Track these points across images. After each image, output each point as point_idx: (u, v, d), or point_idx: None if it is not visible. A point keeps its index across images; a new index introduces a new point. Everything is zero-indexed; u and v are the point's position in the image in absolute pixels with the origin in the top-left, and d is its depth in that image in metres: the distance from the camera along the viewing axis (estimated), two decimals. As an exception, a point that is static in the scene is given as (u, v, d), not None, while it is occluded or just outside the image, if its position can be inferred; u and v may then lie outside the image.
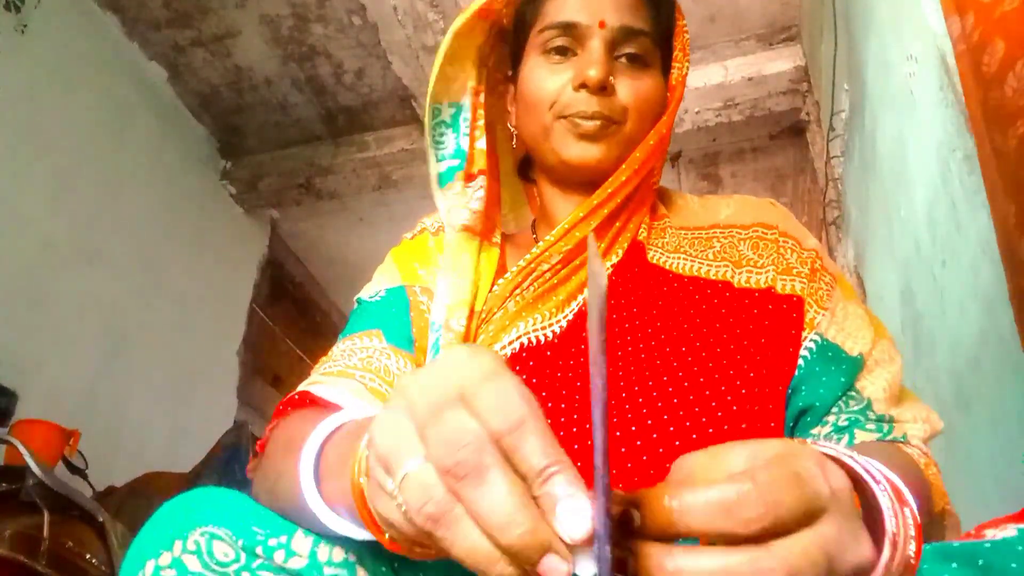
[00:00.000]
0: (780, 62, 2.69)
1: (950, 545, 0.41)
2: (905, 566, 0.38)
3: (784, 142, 3.02)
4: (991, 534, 0.41)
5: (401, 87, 2.82)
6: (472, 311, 0.72)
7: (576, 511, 0.32)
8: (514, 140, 0.82)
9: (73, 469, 1.80)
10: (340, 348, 0.71)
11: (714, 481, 0.33)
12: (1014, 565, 0.38)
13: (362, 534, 0.42)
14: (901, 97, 1.57)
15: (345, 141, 3.08)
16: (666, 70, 0.79)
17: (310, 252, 3.64)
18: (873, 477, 0.40)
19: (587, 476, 0.52)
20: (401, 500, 0.33)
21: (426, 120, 0.81)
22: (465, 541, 0.32)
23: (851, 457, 0.41)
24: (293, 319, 3.69)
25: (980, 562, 0.39)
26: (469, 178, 0.78)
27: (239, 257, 3.22)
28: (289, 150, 3.13)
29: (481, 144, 0.80)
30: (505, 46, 0.83)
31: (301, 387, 0.66)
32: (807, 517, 0.32)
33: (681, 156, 3.10)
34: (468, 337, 0.71)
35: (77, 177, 2.36)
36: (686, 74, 0.79)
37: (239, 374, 3.11)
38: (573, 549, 0.32)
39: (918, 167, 1.51)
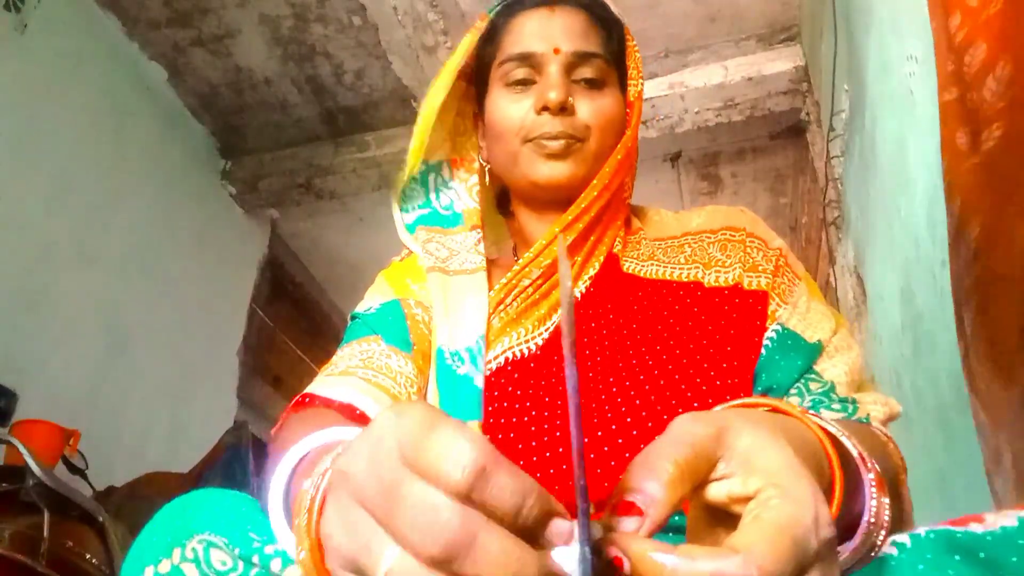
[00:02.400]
0: (780, 62, 2.69)
1: (953, 535, 0.41)
2: (871, 550, 0.40)
3: (784, 142, 3.02)
4: (991, 520, 0.41)
5: (401, 87, 2.82)
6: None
7: (561, 529, 0.31)
8: (487, 176, 0.86)
9: (73, 469, 1.80)
10: (340, 355, 0.74)
11: (709, 551, 0.32)
12: (1015, 559, 0.39)
13: None
14: (901, 97, 1.57)
15: (345, 141, 3.08)
16: (624, 88, 0.83)
17: (310, 252, 3.64)
18: (864, 464, 0.42)
19: (560, 495, 0.52)
20: None
21: (399, 182, 0.87)
22: None
23: (851, 443, 0.43)
24: (293, 319, 3.68)
25: (982, 555, 0.39)
26: (472, 228, 0.84)
27: (239, 257, 3.22)
28: (289, 150, 3.13)
29: (474, 204, 0.86)
30: (472, 87, 0.88)
31: (305, 391, 0.67)
32: None
33: (681, 156, 3.10)
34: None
35: (77, 177, 2.36)
36: (641, 91, 0.83)
37: (239, 374, 3.11)
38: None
39: (918, 167, 1.51)
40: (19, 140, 2.15)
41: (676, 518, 0.57)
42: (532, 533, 0.31)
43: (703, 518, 0.38)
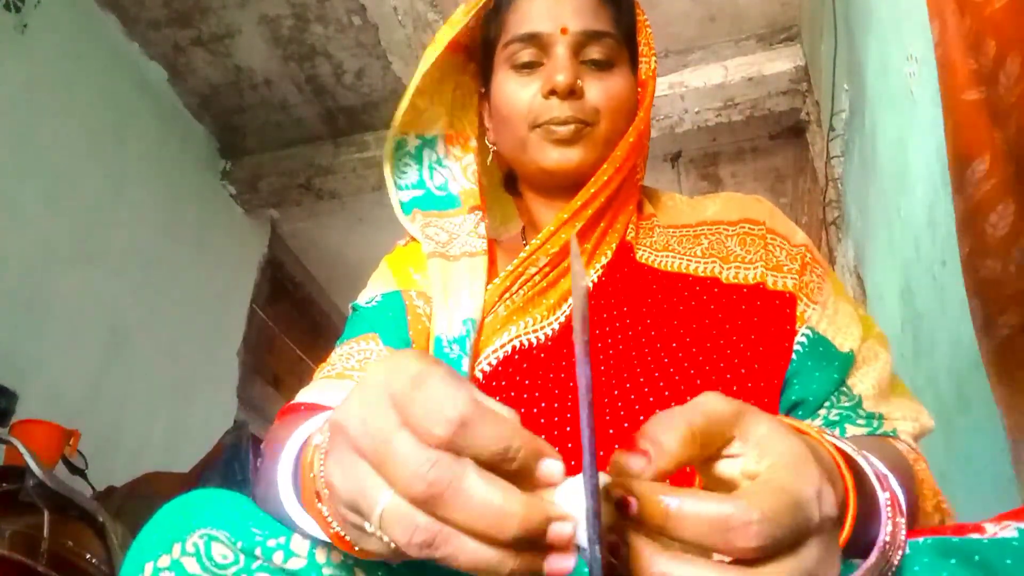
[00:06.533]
0: (780, 62, 2.69)
1: (949, 540, 0.42)
2: (887, 569, 0.40)
3: (784, 142, 3.02)
4: (991, 530, 0.42)
5: (401, 87, 2.82)
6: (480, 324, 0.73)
7: (551, 468, 0.33)
8: (490, 156, 0.84)
9: (73, 469, 1.80)
10: (337, 353, 0.72)
11: (714, 495, 0.33)
12: (1009, 561, 0.39)
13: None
14: (901, 97, 1.57)
15: (345, 141, 3.08)
16: (635, 67, 0.80)
17: (310, 252, 3.64)
18: (881, 484, 0.41)
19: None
20: (387, 538, 0.33)
21: (387, 149, 0.84)
22: (467, 553, 0.31)
23: (864, 458, 0.42)
24: (293, 319, 3.68)
25: (976, 558, 0.40)
26: (470, 210, 0.82)
27: (239, 257, 3.22)
28: (289, 150, 3.13)
29: (471, 185, 0.84)
30: (475, 64, 0.85)
31: (298, 396, 0.66)
32: (794, 544, 0.33)
33: (681, 156, 3.10)
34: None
35: (77, 177, 2.36)
36: (655, 68, 0.80)
37: (239, 374, 3.11)
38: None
39: (918, 167, 1.51)
40: (19, 140, 2.15)
41: None
42: (524, 477, 0.33)
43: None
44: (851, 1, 1.96)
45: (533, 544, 0.32)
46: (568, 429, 0.64)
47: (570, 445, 0.63)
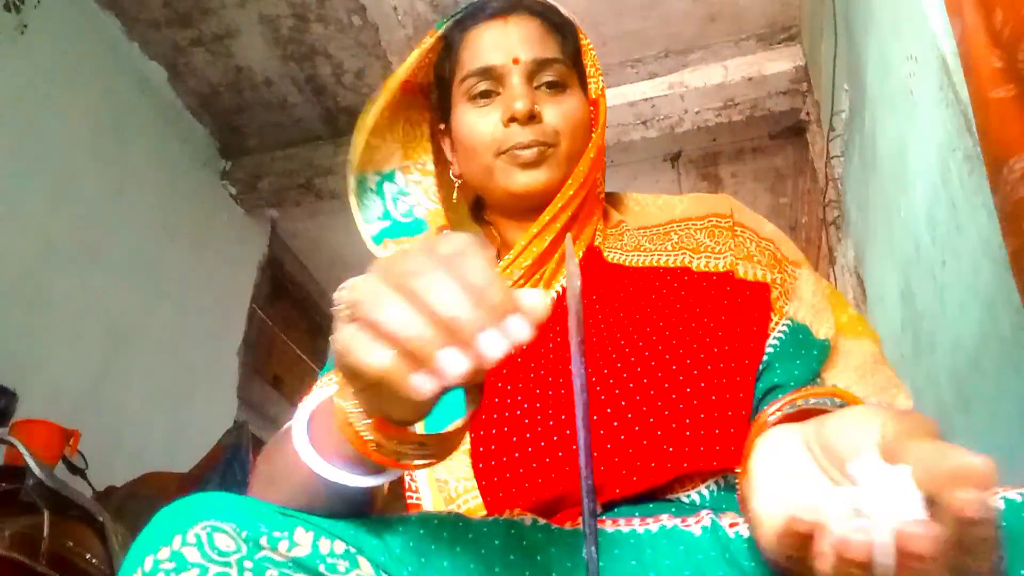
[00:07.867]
0: (780, 62, 2.69)
1: None
2: None
3: (784, 142, 3.02)
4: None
5: (401, 87, 2.81)
6: None
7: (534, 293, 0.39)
8: (456, 189, 0.87)
9: (73, 469, 1.80)
10: (318, 385, 0.75)
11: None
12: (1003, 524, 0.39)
13: (354, 479, 0.47)
14: (901, 97, 1.57)
15: (345, 141, 3.01)
16: (584, 88, 0.84)
17: (310, 252, 3.64)
18: None
19: (556, 486, 0.55)
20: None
21: (350, 185, 0.89)
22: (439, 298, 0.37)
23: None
24: (293, 319, 3.68)
25: None
26: (438, 231, 0.86)
27: (239, 257, 3.22)
28: (289, 150, 3.13)
29: (435, 205, 0.88)
30: (430, 103, 0.90)
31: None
32: None
33: (681, 156, 3.10)
34: None
35: (77, 177, 2.36)
36: (603, 88, 0.84)
37: (239, 374, 3.10)
38: None
39: (918, 167, 1.51)
40: (19, 140, 2.15)
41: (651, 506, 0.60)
42: None
43: None
44: (851, 1, 1.96)
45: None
46: (539, 429, 0.66)
47: (543, 444, 0.65)
